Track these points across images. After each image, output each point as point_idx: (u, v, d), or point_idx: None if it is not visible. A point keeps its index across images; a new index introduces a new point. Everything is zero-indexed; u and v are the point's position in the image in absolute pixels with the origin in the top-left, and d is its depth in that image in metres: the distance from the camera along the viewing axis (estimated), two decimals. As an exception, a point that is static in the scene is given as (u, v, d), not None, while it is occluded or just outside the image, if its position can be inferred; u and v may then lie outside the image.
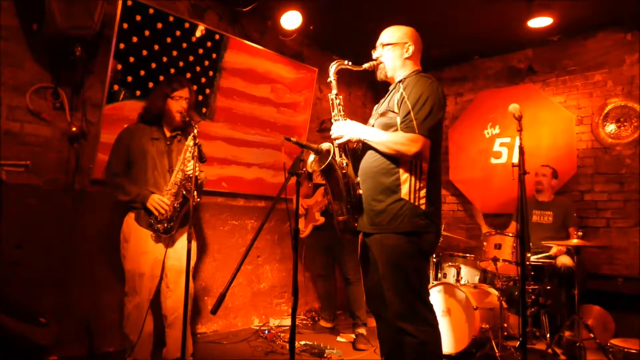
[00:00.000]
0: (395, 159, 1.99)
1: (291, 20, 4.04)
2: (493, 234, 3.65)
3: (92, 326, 3.11)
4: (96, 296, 3.19)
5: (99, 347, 3.14)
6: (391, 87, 2.17)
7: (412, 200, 1.96)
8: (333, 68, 2.14)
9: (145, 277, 2.58)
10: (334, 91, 2.14)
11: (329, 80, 2.15)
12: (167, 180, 2.63)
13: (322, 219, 3.89)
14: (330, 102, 2.15)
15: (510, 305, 3.75)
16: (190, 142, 2.52)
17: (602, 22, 4.34)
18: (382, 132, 2.02)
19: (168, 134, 2.75)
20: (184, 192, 2.59)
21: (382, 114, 2.09)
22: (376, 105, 2.24)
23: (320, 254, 4.09)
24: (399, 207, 1.95)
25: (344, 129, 2.07)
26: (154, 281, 2.63)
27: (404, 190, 1.97)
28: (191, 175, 2.44)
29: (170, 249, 2.65)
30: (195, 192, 2.50)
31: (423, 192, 1.98)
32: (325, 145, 2.07)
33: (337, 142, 2.08)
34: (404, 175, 1.98)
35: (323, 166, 1.97)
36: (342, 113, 2.14)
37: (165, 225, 2.57)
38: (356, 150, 2.19)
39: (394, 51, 2.16)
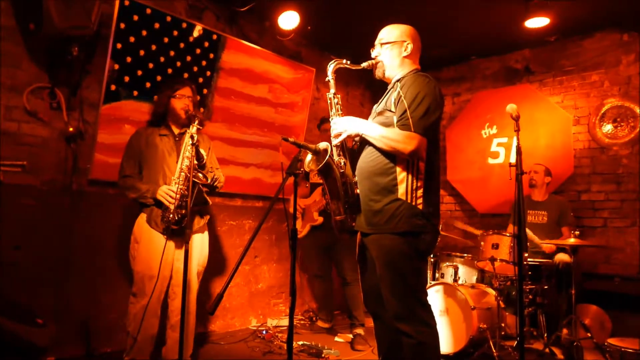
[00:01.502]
0: (393, 158, 1.99)
1: (289, 20, 4.04)
2: (490, 234, 3.65)
3: (90, 327, 3.10)
4: (94, 296, 3.18)
5: (96, 347, 3.14)
6: (389, 87, 2.17)
7: (409, 200, 1.95)
8: (331, 67, 2.14)
9: (155, 280, 2.58)
10: (332, 90, 2.14)
11: (327, 79, 2.14)
12: None
13: (320, 219, 3.86)
14: (329, 101, 2.15)
15: (507, 305, 3.76)
16: (192, 129, 2.55)
17: (599, 23, 4.36)
18: (380, 127, 2.01)
19: (176, 131, 2.80)
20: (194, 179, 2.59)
21: (380, 113, 2.09)
22: (375, 105, 2.24)
23: (318, 254, 4.07)
24: (396, 207, 1.95)
25: (343, 125, 2.07)
26: (164, 283, 2.65)
27: (401, 190, 1.96)
28: (197, 163, 2.46)
29: (178, 250, 2.67)
30: (201, 175, 2.52)
31: (420, 192, 1.97)
32: (322, 145, 2.06)
33: (338, 139, 2.07)
34: (401, 175, 1.98)
35: (320, 165, 1.97)
36: (340, 112, 2.13)
37: (176, 216, 2.56)
38: (354, 150, 2.19)
39: (392, 49, 2.16)
